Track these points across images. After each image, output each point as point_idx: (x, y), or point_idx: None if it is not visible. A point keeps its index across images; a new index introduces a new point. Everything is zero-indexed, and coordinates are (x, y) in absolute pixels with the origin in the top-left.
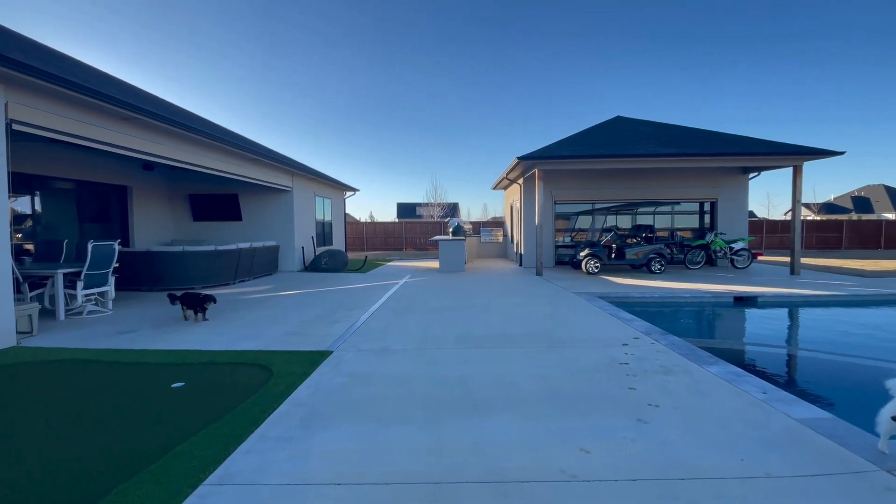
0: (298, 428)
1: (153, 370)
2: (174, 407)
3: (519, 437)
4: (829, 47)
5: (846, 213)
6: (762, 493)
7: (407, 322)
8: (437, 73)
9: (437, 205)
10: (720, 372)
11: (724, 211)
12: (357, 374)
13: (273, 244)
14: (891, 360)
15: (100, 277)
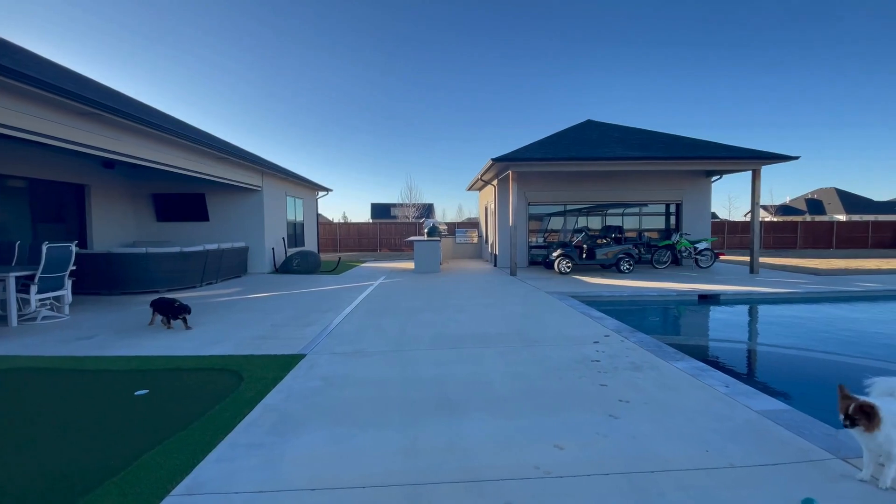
0: (271, 434)
1: (115, 378)
2: (138, 415)
3: (494, 436)
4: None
5: (801, 215)
6: (725, 482)
7: (382, 324)
8: (412, 74)
9: (412, 205)
10: (686, 367)
11: (689, 212)
12: (331, 377)
13: (242, 245)
14: (843, 353)
15: (55, 281)
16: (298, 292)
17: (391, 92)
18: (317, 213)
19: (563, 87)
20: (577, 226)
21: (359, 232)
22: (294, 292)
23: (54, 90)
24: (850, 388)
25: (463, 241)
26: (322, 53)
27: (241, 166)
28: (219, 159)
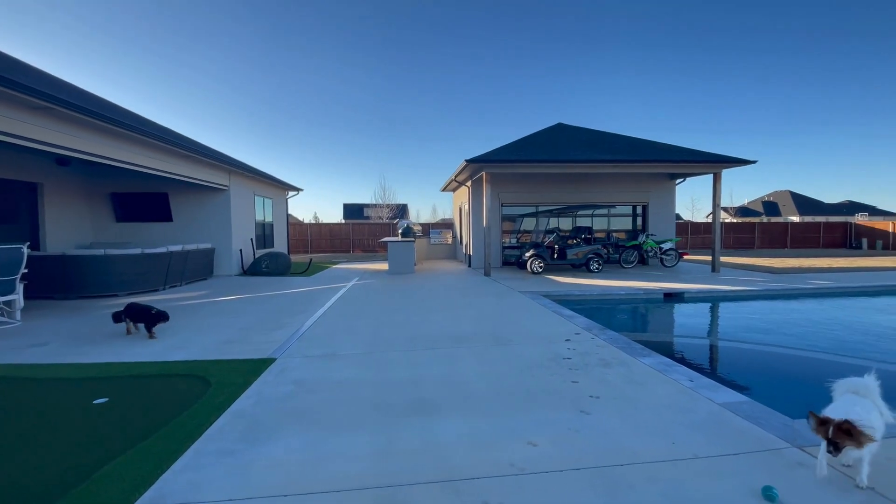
0: (240, 441)
1: (71, 386)
2: (98, 425)
3: (469, 435)
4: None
5: (758, 216)
6: (691, 473)
7: (355, 326)
8: (386, 75)
9: (386, 206)
10: (653, 363)
11: (655, 214)
12: (303, 381)
13: (208, 247)
14: (797, 348)
15: (5, 285)
16: (268, 295)
17: (364, 90)
18: (287, 214)
19: (535, 89)
20: (549, 227)
21: (331, 233)
22: (263, 295)
23: (3, 83)
24: (809, 381)
25: (437, 242)
26: (291, 48)
27: (207, 165)
28: (183, 157)
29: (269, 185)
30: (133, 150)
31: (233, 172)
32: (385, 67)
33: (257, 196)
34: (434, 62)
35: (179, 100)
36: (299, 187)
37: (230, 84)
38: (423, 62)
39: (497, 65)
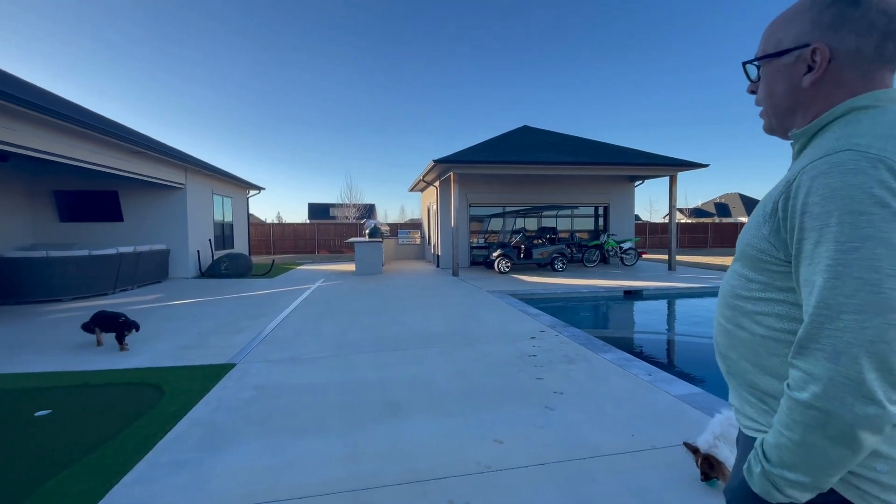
0: (197, 450)
1: (10, 398)
2: (40, 439)
3: (436, 435)
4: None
5: (711, 217)
6: (649, 463)
7: (320, 328)
8: (354, 74)
9: (353, 206)
10: (614, 358)
11: (615, 214)
12: (265, 386)
13: (162, 248)
14: None
15: None
16: (228, 297)
17: (332, 87)
18: (248, 213)
19: (502, 91)
20: (516, 227)
21: (295, 233)
22: (223, 297)
23: None
24: None
25: (406, 243)
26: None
27: (161, 161)
28: (134, 153)
29: (228, 184)
30: (79, 145)
31: (189, 170)
32: (354, 67)
33: (216, 195)
34: (402, 63)
35: (137, 96)
36: (261, 186)
37: (188, 77)
38: (391, 62)
39: (464, 66)
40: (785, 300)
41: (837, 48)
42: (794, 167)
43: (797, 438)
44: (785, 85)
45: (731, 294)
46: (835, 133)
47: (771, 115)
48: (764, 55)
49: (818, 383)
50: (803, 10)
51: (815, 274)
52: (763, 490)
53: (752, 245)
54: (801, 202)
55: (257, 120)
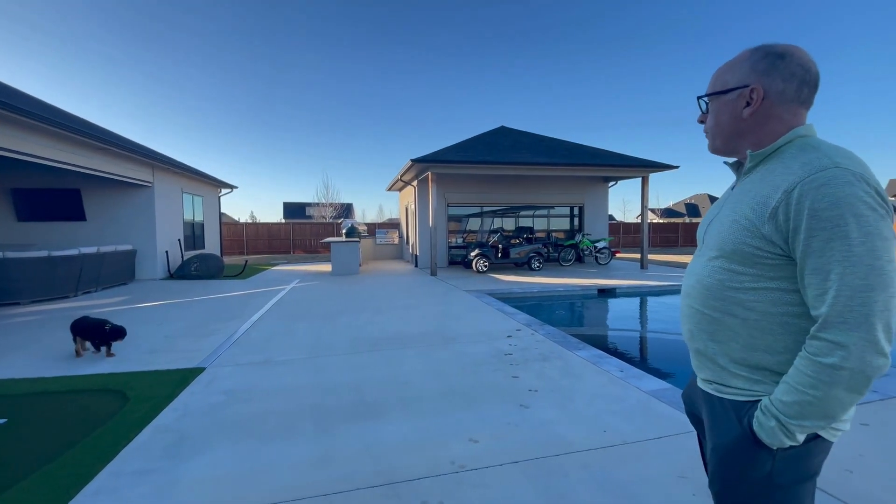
0: (163, 457)
1: None
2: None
3: (411, 436)
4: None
5: (681, 217)
6: (620, 458)
7: (294, 330)
8: (332, 70)
9: (330, 205)
10: (587, 356)
11: (590, 214)
12: (235, 390)
13: (128, 248)
14: None
15: None
16: (198, 300)
17: (310, 87)
18: (219, 213)
19: (478, 91)
20: (493, 226)
21: (269, 233)
22: (193, 300)
23: None
24: None
25: (383, 242)
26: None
27: (127, 158)
28: (97, 150)
29: (199, 182)
30: (38, 140)
31: (157, 167)
32: (331, 65)
33: (186, 193)
34: (380, 62)
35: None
36: (233, 184)
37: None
38: (368, 62)
39: (440, 66)
40: (777, 288)
41: (769, 89)
42: (773, 179)
43: (821, 395)
44: (729, 116)
45: (719, 287)
46: (803, 154)
47: (717, 139)
48: (714, 92)
49: (845, 348)
50: (744, 59)
51: (830, 264)
52: (774, 439)
53: (747, 243)
54: (807, 207)
55: (231, 119)
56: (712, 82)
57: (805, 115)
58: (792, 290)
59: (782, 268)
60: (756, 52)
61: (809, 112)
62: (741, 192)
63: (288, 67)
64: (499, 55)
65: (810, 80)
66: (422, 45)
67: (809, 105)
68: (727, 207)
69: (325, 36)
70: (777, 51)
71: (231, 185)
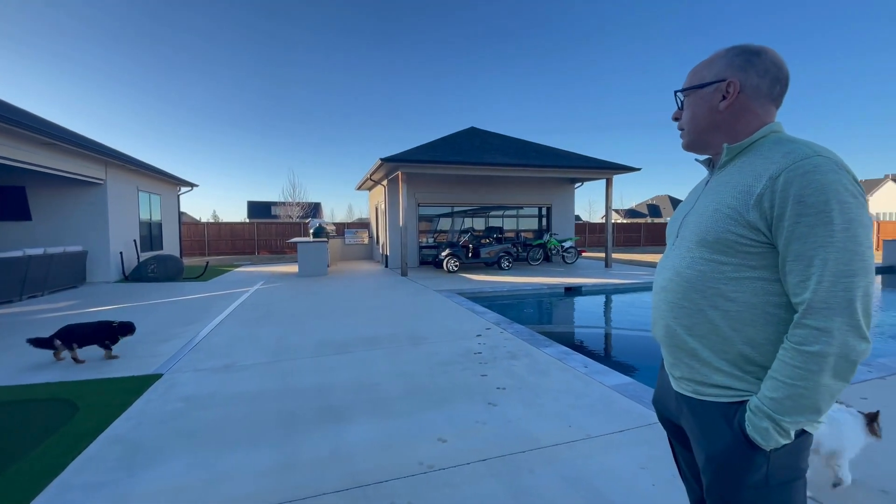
0: (116, 469)
1: None
2: None
3: (379, 438)
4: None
5: (644, 217)
6: (584, 452)
7: (258, 333)
8: (300, 68)
9: (297, 204)
10: (554, 353)
11: (557, 215)
12: (195, 397)
13: (78, 249)
14: None
15: None
16: (155, 303)
17: (275, 83)
18: (179, 212)
19: (450, 92)
20: (464, 226)
21: (232, 233)
22: (150, 303)
23: None
24: None
25: (352, 242)
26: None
27: (77, 155)
28: (43, 145)
29: (156, 180)
30: None
31: (110, 164)
32: (302, 63)
33: (142, 192)
34: (350, 61)
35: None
36: (193, 182)
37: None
38: (337, 60)
39: (411, 67)
40: (759, 277)
41: (745, 83)
42: (753, 169)
43: (811, 385)
44: (705, 109)
45: (700, 279)
46: (782, 146)
47: (693, 133)
48: (691, 86)
49: (829, 334)
50: (721, 56)
51: (814, 249)
52: (769, 440)
53: (731, 231)
54: (793, 193)
55: (191, 116)
56: (689, 78)
57: (775, 114)
58: (774, 279)
59: (765, 256)
60: (732, 49)
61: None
62: (719, 184)
63: (255, 65)
64: (470, 57)
65: (782, 78)
66: (392, 46)
67: (779, 104)
68: (705, 199)
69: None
70: (752, 49)
71: (191, 183)
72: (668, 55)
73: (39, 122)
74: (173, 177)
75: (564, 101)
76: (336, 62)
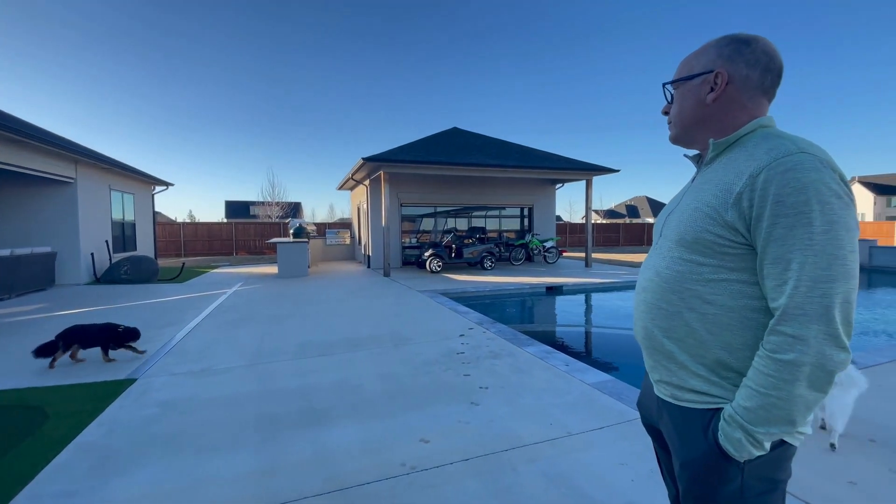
0: (88, 477)
1: None
2: None
3: (362, 440)
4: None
5: (622, 218)
6: (565, 449)
7: (236, 336)
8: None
9: (276, 204)
10: (536, 352)
11: (539, 215)
12: (170, 402)
13: (47, 250)
14: None
15: None
16: (129, 305)
17: (255, 80)
18: (153, 212)
19: (433, 92)
20: (447, 227)
21: (209, 233)
22: (123, 306)
23: None
24: None
25: (334, 243)
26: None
27: (45, 152)
28: (9, 142)
29: (129, 178)
30: None
31: (80, 162)
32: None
33: (115, 191)
34: (330, 63)
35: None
36: (168, 181)
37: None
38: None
39: (394, 67)
40: (738, 280)
41: (734, 74)
42: (737, 167)
43: (785, 395)
44: (693, 101)
45: (678, 280)
46: (767, 142)
47: (679, 127)
48: (679, 78)
49: (804, 342)
50: (710, 46)
51: (791, 252)
52: (741, 451)
53: (709, 231)
54: (772, 192)
55: (167, 114)
56: (678, 70)
57: (767, 107)
58: (752, 282)
59: (743, 258)
60: (722, 39)
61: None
62: (702, 182)
63: (233, 63)
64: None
65: (774, 69)
66: (375, 45)
67: (772, 96)
68: (688, 197)
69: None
70: (742, 38)
71: (166, 182)
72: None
73: (5, 117)
74: (147, 175)
75: (545, 104)
76: (319, 60)
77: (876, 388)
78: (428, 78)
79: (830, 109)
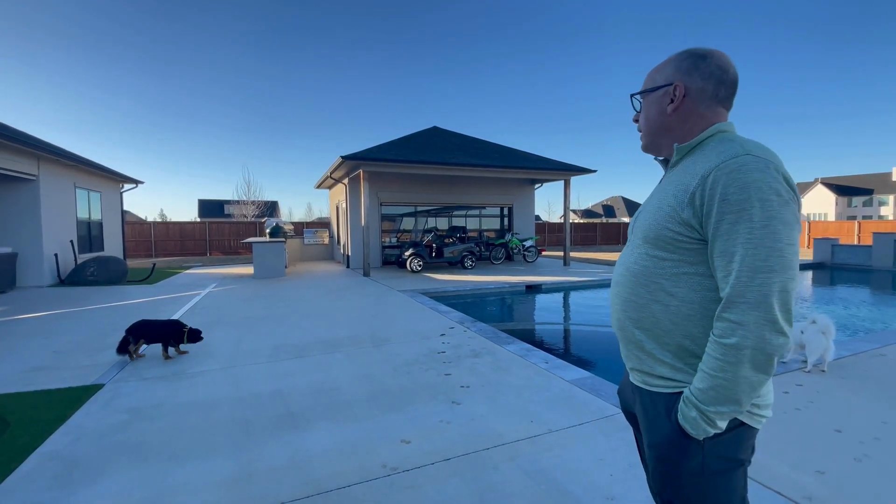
0: (53, 487)
1: None
2: None
3: (341, 443)
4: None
5: (599, 217)
6: (546, 446)
7: (209, 339)
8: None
9: (252, 203)
10: (516, 350)
11: (518, 215)
12: (140, 407)
13: (7, 251)
14: None
15: None
16: (96, 308)
17: (231, 78)
18: (122, 210)
19: (412, 92)
20: (427, 226)
21: (182, 233)
22: (89, 308)
23: None
24: None
25: (312, 243)
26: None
27: (4, 148)
28: None
29: (96, 176)
30: None
31: (43, 158)
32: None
33: (80, 189)
34: (309, 62)
35: None
36: (138, 179)
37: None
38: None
39: (373, 67)
40: (696, 273)
41: (690, 86)
42: (694, 168)
43: (730, 377)
44: (656, 111)
45: (644, 274)
46: (721, 145)
47: (647, 136)
48: (644, 90)
49: (745, 328)
50: (671, 61)
51: (735, 245)
52: (698, 430)
53: (668, 228)
54: (719, 192)
55: (138, 110)
56: (645, 82)
57: (726, 115)
58: (710, 275)
59: (700, 252)
60: (681, 53)
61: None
62: (667, 183)
63: (209, 59)
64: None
65: (727, 81)
66: (354, 44)
67: (729, 106)
68: (654, 198)
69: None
70: (699, 52)
71: (135, 179)
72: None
73: None
74: (115, 173)
75: (525, 105)
76: (297, 57)
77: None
78: (407, 76)
79: (793, 109)
